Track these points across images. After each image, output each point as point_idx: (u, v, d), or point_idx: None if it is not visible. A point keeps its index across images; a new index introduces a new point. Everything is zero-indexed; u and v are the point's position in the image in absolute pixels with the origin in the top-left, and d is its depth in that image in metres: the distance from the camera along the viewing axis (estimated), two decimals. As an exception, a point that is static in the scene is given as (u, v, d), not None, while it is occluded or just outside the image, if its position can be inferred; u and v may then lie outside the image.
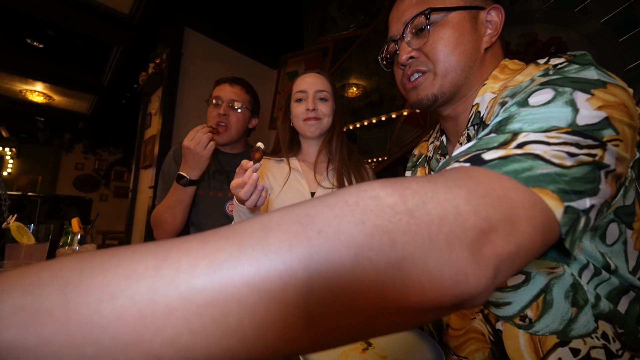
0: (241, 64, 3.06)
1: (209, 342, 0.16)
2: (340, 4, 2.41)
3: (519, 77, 0.45)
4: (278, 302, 0.17)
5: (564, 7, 1.26)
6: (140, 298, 0.16)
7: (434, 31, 0.52)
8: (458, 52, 0.51)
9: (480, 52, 0.53)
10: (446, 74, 0.52)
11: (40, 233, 0.80)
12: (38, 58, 3.64)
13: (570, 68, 0.37)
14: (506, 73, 0.51)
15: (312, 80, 0.99)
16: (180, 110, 2.62)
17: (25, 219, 1.27)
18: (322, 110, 0.97)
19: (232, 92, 1.26)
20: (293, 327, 0.17)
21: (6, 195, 0.78)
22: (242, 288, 0.17)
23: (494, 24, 0.53)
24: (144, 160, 2.89)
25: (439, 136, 0.68)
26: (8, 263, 0.64)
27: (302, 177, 0.98)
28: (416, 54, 0.54)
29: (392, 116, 1.92)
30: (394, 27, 0.58)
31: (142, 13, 2.59)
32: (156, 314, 0.16)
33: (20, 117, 5.44)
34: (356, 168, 1.00)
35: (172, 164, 1.27)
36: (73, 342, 0.15)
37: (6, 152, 6.45)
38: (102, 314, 0.15)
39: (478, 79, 0.54)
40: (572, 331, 0.42)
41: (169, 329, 0.16)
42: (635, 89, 1.07)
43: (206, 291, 0.16)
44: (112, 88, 4.20)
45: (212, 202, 1.22)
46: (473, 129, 0.52)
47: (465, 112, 0.56)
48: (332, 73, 2.34)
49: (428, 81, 0.54)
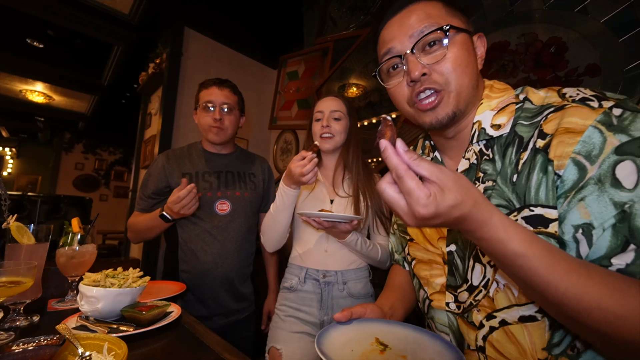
0: (241, 64, 3.06)
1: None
2: (340, 4, 2.41)
3: (577, 120, 0.44)
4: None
5: (564, 7, 1.26)
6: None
7: (449, 49, 0.53)
8: (469, 71, 0.54)
9: (478, 72, 0.57)
10: (461, 91, 0.54)
11: (40, 233, 0.80)
12: (38, 58, 3.64)
13: (633, 122, 0.41)
14: (494, 92, 0.57)
15: (328, 102, 1.14)
16: (180, 110, 2.62)
17: (25, 219, 1.27)
18: (335, 127, 1.11)
19: (223, 95, 1.28)
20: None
21: (6, 195, 0.78)
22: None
23: (480, 50, 0.58)
24: (144, 160, 2.89)
25: (428, 152, 0.70)
26: (8, 263, 0.64)
27: (324, 186, 1.14)
28: (428, 71, 0.53)
29: (392, 116, 1.92)
30: (397, 41, 0.56)
31: (142, 13, 2.59)
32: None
33: (20, 117, 5.45)
34: (368, 179, 1.11)
35: (160, 174, 1.26)
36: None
37: (6, 152, 6.46)
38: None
39: (476, 98, 0.57)
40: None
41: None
42: (635, 90, 1.07)
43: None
44: (112, 88, 4.21)
45: (201, 203, 1.22)
46: (478, 145, 0.56)
47: (465, 129, 0.59)
48: (332, 73, 2.35)
49: (445, 100, 0.54)
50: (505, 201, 0.50)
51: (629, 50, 1.09)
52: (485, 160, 0.55)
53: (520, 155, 0.50)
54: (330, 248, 1.07)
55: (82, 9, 2.59)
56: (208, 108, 1.25)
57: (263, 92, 3.16)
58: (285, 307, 1.08)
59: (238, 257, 1.26)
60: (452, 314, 0.59)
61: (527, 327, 0.49)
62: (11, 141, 6.49)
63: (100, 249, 4.41)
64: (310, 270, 1.07)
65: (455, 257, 0.59)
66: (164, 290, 0.97)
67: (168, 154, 1.31)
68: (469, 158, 0.57)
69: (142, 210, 1.28)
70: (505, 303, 0.50)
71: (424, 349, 0.52)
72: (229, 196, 1.27)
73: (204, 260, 1.21)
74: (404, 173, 0.38)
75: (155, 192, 1.26)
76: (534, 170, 0.47)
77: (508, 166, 0.51)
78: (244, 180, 1.34)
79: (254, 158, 1.45)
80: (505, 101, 0.55)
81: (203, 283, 1.20)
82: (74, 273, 0.85)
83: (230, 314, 1.24)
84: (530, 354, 0.48)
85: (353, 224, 0.94)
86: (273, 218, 1.05)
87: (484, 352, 0.53)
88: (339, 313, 0.57)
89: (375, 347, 0.51)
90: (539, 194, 0.46)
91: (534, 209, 0.47)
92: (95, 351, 0.48)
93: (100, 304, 0.67)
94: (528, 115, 0.52)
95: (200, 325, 0.73)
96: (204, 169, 1.29)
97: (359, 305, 0.60)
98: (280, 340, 1.03)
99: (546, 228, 0.45)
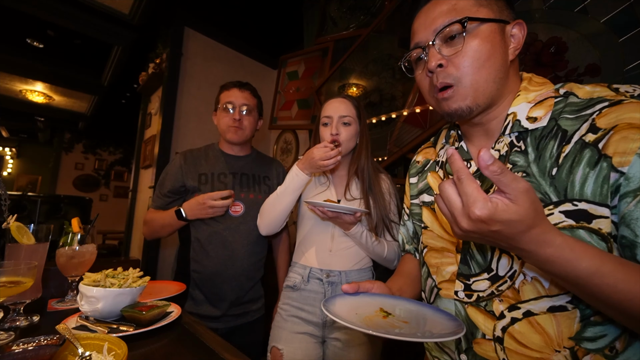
0: (241, 64, 3.06)
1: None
2: (340, 4, 2.41)
3: (636, 115, 0.44)
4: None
5: (564, 7, 1.26)
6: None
7: (467, 42, 0.53)
8: (489, 64, 0.53)
9: (508, 64, 0.55)
10: (477, 87, 0.53)
11: (40, 233, 0.80)
12: (38, 58, 3.64)
13: None
14: (533, 85, 0.56)
15: (337, 105, 1.10)
16: (180, 110, 2.62)
17: (25, 219, 1.27)
18: (344, 134, 1.07)
19: (243, 97, 1.31)
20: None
21: (6, 195, 0.78)
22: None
23: (517, 39, 0.56)
24: (144, 160, 2.89)
25: (452, 141, 0.69)
26: (8, 263, 0.64)
27: (332, 188, 1.12)
28: (445, 62, 0.54)
29: (392, 116, 1.92)
30: (422, 34, 0.57)
31: (142, 13, 2.59)
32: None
33: (20, 117, 5.44)
34: (377, 183, 1.10)
35: (176, 174, 1.27)
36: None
37: (6, 152, 6.46)
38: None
39: (506, 89, 0.56)
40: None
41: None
42: (635, 89, 1.07)
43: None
44: (112, 88, 4.20)
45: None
46: (509, 137, 0.55)
47: (495, 119, 0.58)
48: (332, 73, 2.35)
49: (458, 94, 0.54)
50: (541, 194, 0.49)
51: (629, 50, 1.09)
52: (516, 152, 0.54)
53: (562, 149, 0.49)
54: (334, 248, 1.07)
55: (82, 9, 2.59)
56: (228, 109, 1.28)
57: (263, 92, 3.12)
58: (288, 307, 1.08)
59: (249, 260, 1.26)
60: (461, 302, 0.59)
61: (556, 317, 0.48)
62: (11, 141, 6.50)
63: (100, 249, 4.41)
64: (314, 270, 1.07)
65: (471, 246, 0.58)
66: (164, 290, 0.97)
67: (185, 154, 1.32)
68: (499, 149, 0.56)
69: (157, 207, 1.30)
70: (533, 295, 0.50)
71: (426, 317, 0.53)
72: (242, 198, 1.27)
73: (216, 261, 1.21)
74: (464, 176, 0.38)
75: (171, 191, 1.27)
76: (579, 165, 0.46)
77: (548, 160, 0.50)
78: (259, 183, 1.34)
79: (270, 161, 1.46)
80: (544, 95, 0.54)
81: (213, 284, 1.20)
82: (74, 273, 0.85)
83: (239, 316, 1.24)
84: (557, 342, 0.47)
85: (357, 216, 0.96)
86: (277, 199, 1.06)
87: (501, 343, 0.52)
88: (346, 284, 0.59)
89: (379, 314, 0.53)
90: (585, 189, 0.45)
91: (578, 204, 0.45)
92: (95, 351, 0.48)
93: (100, 304, 0.67)
94: (574, 109, 0.50)
95: (201, 326, 0.73)
96: (220, 170, 1.30)
97: (367, 281, 0.62)
98: (282, 340, 1.03)
99: (589, 224, 0.44)
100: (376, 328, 0.45)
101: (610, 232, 0.43)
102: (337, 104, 1.11)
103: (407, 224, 0.82)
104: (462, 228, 0.40)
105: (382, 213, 1.07)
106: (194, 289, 1.22)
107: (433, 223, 0.68)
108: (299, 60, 2.78)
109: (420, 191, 0.74)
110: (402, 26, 1.95)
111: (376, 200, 1.07)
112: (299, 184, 1.01)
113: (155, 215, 1.27)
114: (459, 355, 0.58)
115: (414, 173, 0.79)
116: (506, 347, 0.52)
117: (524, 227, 0.38)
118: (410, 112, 1.83)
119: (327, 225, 1.08)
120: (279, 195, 1.05)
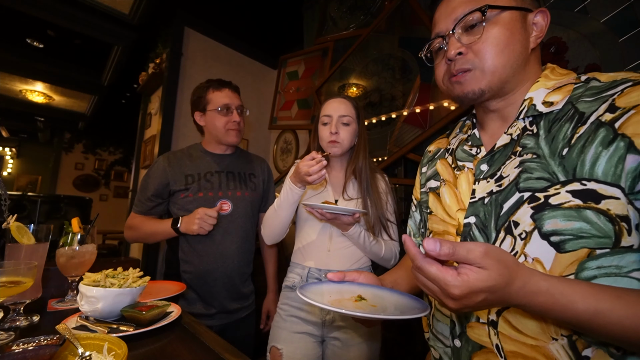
0: (241, 64, 3.06)
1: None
2: (340, 4, 2.41)
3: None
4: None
5: (564, 7, 1.26)
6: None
7: (487, 29, 0.53)
8: (508, 51, 0.53)
9: (528, 51, 0.55)
10: (495, 71, 0.54)
11: (40, 233, 0.80)
12: (38, 58, 3.64)
13: None
14: (555, 75, 0.56)
15: (337, 105, 1.11)
16: (180, 110, 2.62)
17: (25, 219, 1.27)
18: (343, 134, 1.09)
19: (236, 97, 1.31)
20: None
21: (6, 195, 0.78)
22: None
23: (540, 27, 0.56)
24: (144, 160, 2.89)
25: (466, 130, 0.70)
26: (8, 263, 0.64)
27: (330, 189, 1.13)
28: (465, 50, 0.55)
29: (392, 116, 1.92)
30: (442, 23, 0.58)
31: (142, 13, 2.59)
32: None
33: (20, 117, 5.44)
34: (374, 183, 1.11)
35: (161, 176, 1.25)
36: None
37: (6, 152, 6.45)
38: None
39: (525, 76, 0.56)
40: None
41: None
42: (635, 89, 1.07)
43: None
44: (112, 88, 4.20)
45: (202, 203, 1.23)
46: (523, 122, 0.55)
47: (511, 105, 0.58)
48: (332, 73, 2.35)
49: (474, 78, 0.55)
50: (548, 174, 0.48)
51: (629, 50, 1.09)
52: (527, 135, 0.54)
53: (576, 130, 0.48)
54: (332, 248, 1.07)
55: (82, 9, 2.59)
56: (226, 110, 1.27)
57: (263, 92, 3.16)
58: (287, 307, 1.08)
59: (239, 257, 1.27)
60: None
61: None
62: (11, 141, 6.49)
63: (100, 249, 4.41)
64: (313, 270, 1.07)
65: (473, 228, 0.57)
66: (164, 290, 0.97)
67: (168, 156, 1.31)
68: (512, 134, 0.57)
69: (140, 212, 1.28)
70: None
71: (396, 302, 0.54)
72: (230, 196, 1.28)
73: (206, 260, 1.21)
74: (421, 262, 0.39)
75: (155, 195, 1.26)
76: (592, 144, 0.45)
77: (561, 141, 0.49)
78: (245, 181, 1.35)
79: (254, 159, 1.46)
80: (564, 82, 0.54)
81: (204, 283, 1.21)
82: (74, 273, 0.85)
83: (232, 313, 1.25)
84: (553, 328, 0.46)
85: (355, 217, 0.96)
86: (275, 213, 1.06)
87: (495, 327, 0.51)
88: (331, 273, 0.60)
89: (352, 299, 0.53)
90: (595, 169, 0.44)
91: (587, 184, 0.44)
92: (95, 351, 0.48)
93: (100, 304, 0.67)
94: (594, 92, 0.49)
95: (200, 326, 0.73)
96: (206, 169, 1.29)
97: (355, 271, 0.62)
98: (281, 339, 1.03)
99: (597, 204, 0.43)
100: (339, 307, 0.45)
101: (619, 214, 0.42)
102: (337, 103, 1.11)
103: (414, 216, 0.81)
104: (451, 308, 0.41)
105: (379, 213, 1.07)
106: (187, 289, 1.22)
107: (437, 208, 0.68)
108: (299, 60, 2.78)
109: (428, 178, 0.74)
110: (402, 26, 1.95)
111: (373, 201, 1.07)
112: (293, 197, 1.00)
113: (146, 222, 1.25)
114: (452, 341, 0.58)
115: (425, 162, 0.79)
116: (500, 331, 0.51)
117: (504, 285, 0.38)
118: (410, 112, 1.83)
119: (325, 226, 1.09)
120: (276, 209, 1.05)
